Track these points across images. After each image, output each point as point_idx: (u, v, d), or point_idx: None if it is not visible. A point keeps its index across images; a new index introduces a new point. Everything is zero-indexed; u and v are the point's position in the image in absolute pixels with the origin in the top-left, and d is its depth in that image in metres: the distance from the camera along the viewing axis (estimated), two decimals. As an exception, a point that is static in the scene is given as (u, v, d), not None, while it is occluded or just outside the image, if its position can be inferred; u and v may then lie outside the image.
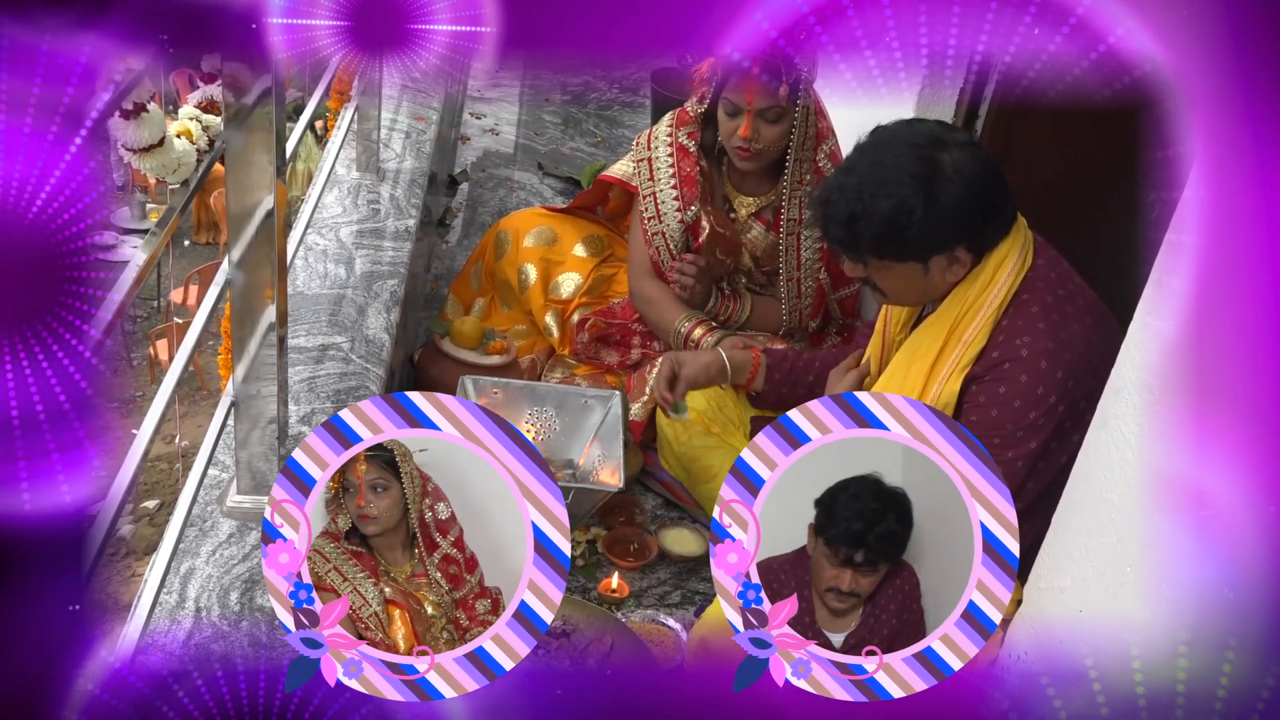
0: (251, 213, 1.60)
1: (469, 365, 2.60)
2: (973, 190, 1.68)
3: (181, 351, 1.57)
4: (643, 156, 2.64)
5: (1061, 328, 1.72)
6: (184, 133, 2.03)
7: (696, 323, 2.55)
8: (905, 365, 1.83)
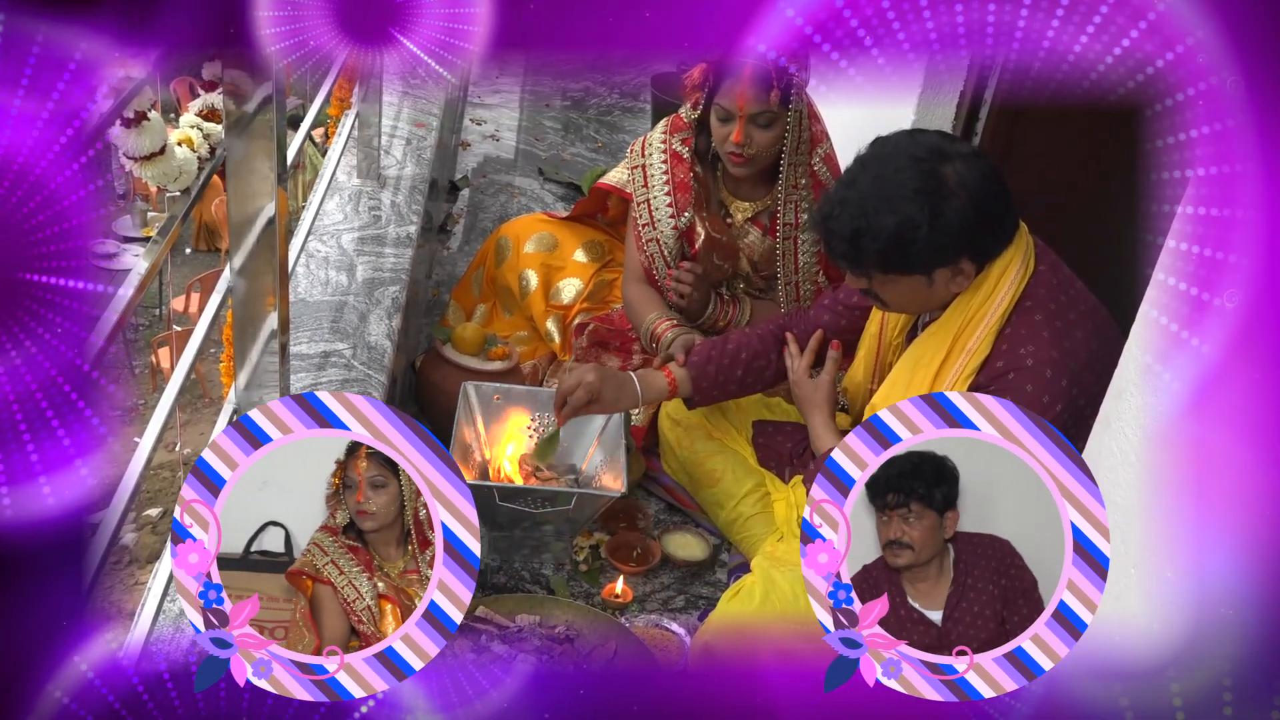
0: (253, 220, 1.60)
1: (471, 371, 2.61)
2: (977, 203, 1.68)
3: (183, 359, 1.57)
4: (637, 163, 2.64)
5: (1065, 335, 1.72)
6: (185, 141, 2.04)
7: (662, 320, 2.53)
8: (909, 374, 1.83)
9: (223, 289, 1.68)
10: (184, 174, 1.94)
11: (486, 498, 2.20)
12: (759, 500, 2.33)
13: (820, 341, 2.15)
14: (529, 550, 2.32)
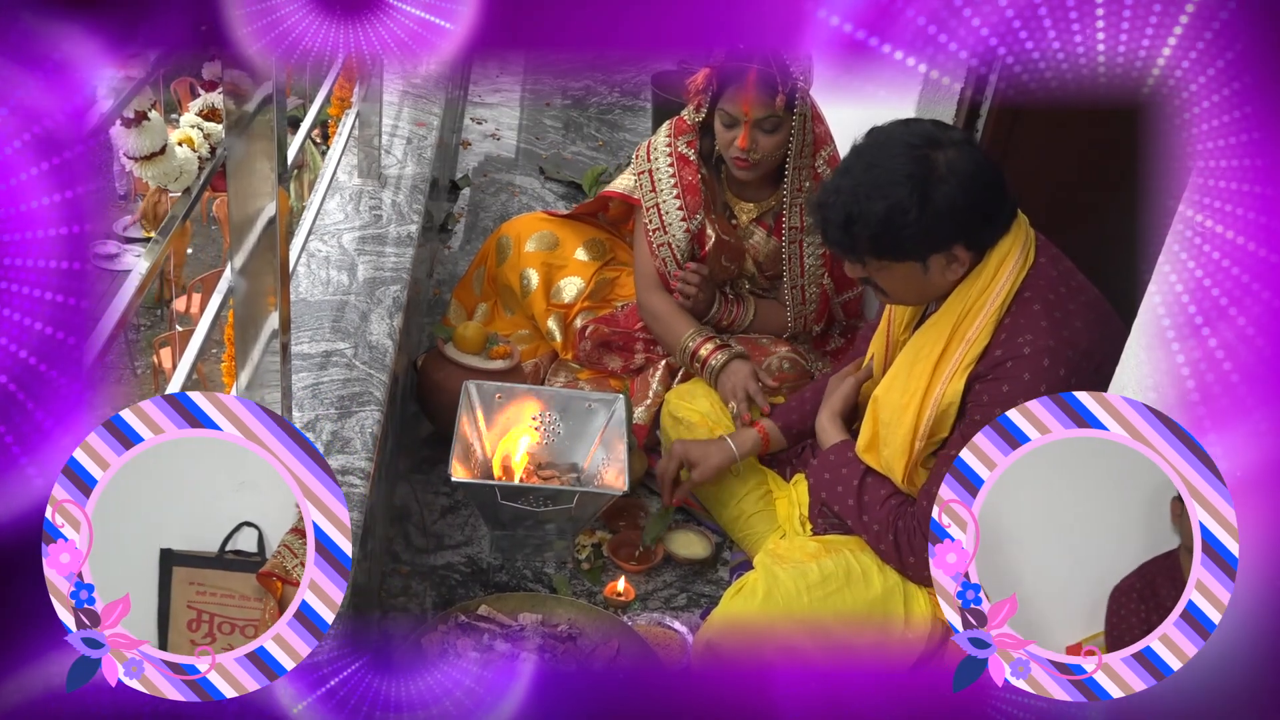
0: (253, 220, 1.60)
1: (472, 370, 2.61)
2: (968, 189, 1.69)
3: (185, 359, 1.57)
4: (643, 168, 2.64)
5: (1064, 325, 1.72)
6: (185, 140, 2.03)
7: (704, 340, 2.53)
8: (909, 365, 1.83)
9: (224, 289, 1.68)
10: (184, 174, 1.93)
11: (489, 496, 2.20)
12: (761, 498, 2.33)
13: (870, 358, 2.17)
14: (531, 549, 2.32)
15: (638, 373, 2.69)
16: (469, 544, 2.38)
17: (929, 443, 1.80)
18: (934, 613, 1.84)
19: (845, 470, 1.95)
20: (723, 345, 2.52)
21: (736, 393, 2.42)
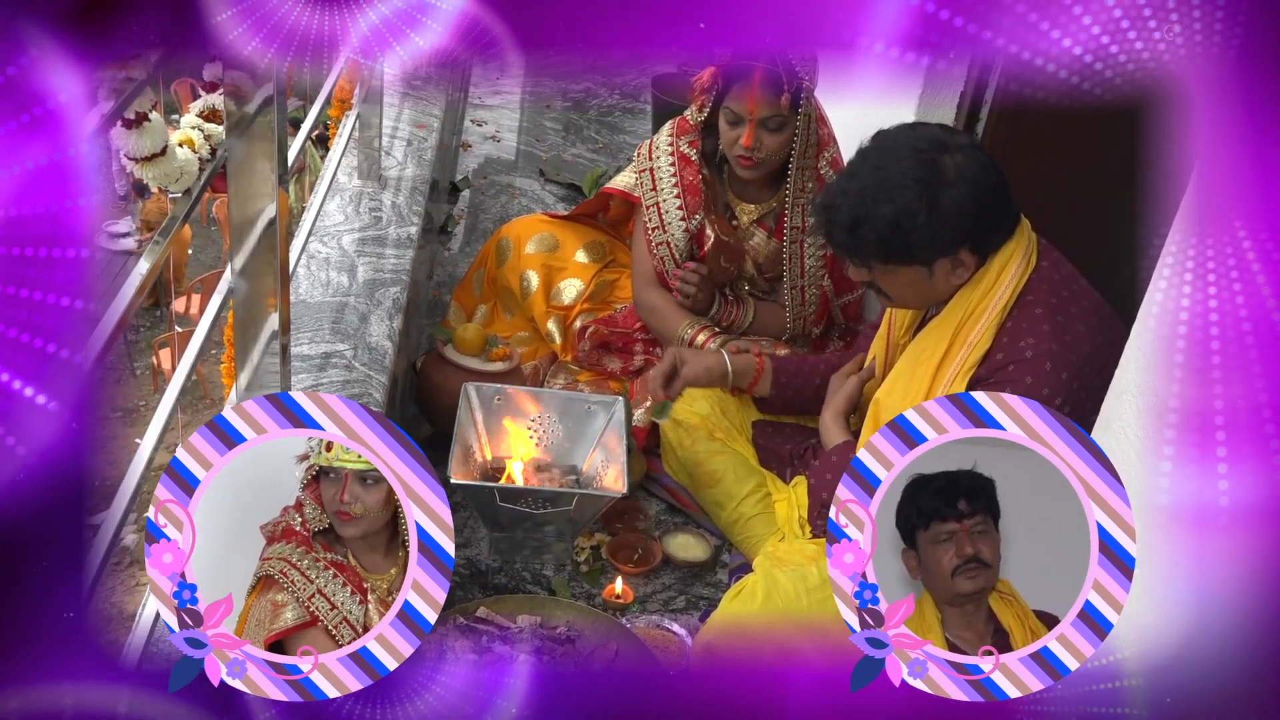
0: (254, 221, 1.60)
1: (472, 372, 2.60)
2: (975, 193, 1.69)
3: (184, 360, 1.57)
4: (644, 167, 2.64)
5: (1066, 329, 1.72)
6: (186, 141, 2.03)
7: (700, 329, 2.56)
8: (910, 368, 1.83)
9: (224, 290, 1.68)
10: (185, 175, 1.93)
11: (488, 499, 2.20)
12: (760, 501, 2.33)
13: None
14: (530, 551, 2.32)
15: (637, 374, 2.69)
16: (468, 546, 2.38)
17: (929, 445, 1.80)
18: (933, 615, 1.84)
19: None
20: (719, 333, 2.55)
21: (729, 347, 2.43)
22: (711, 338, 2.53)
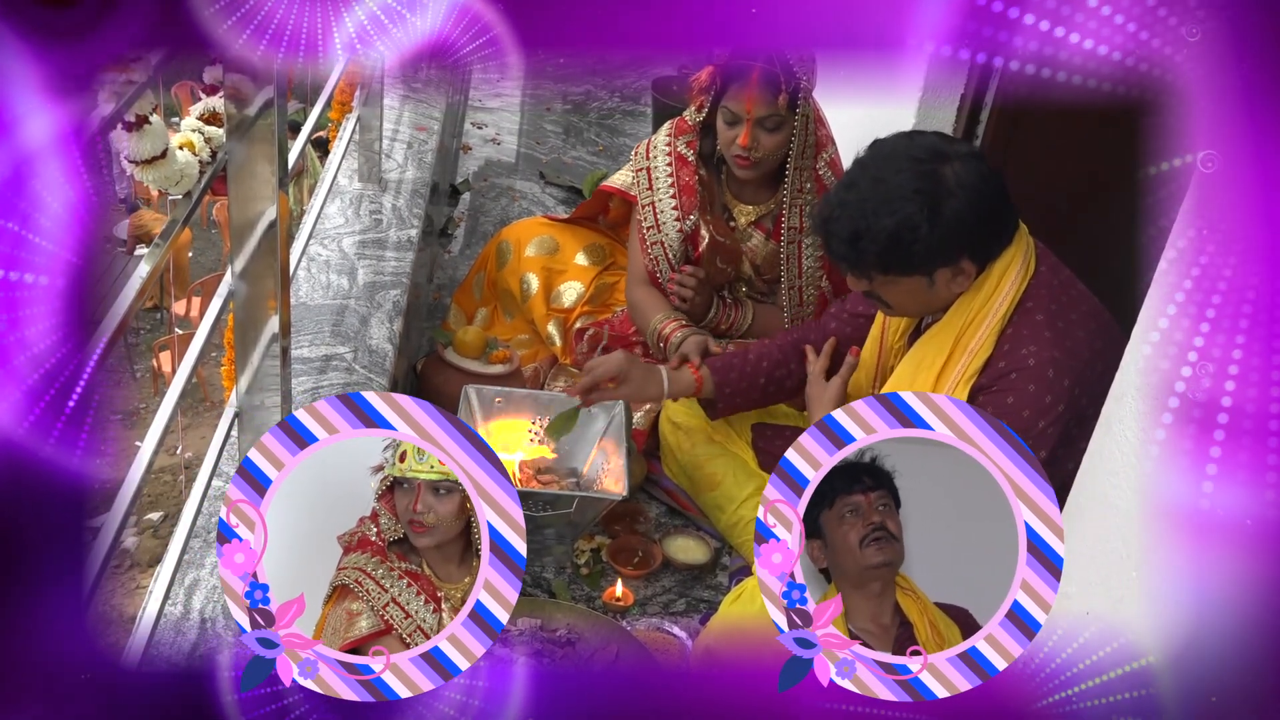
0: (254, 224, 1.60)
1: (472, 375, 2.60)
2: (976, 202, 1.68)
3: (185, 363, 1.57)
4: (642, 166, 2.64)
5: (1067, 335, 1.72)
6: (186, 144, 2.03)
7: (670, 321, 2.53)
8: (910, 375, 1.83)
9: (224, 293, 1.68)
10: (185, 178, 1.93)
11: (488, 501, 2.20)
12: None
13: (834, 347, 2.15)
14: (530, 553, 2.32)
15: (637, 377, 2.69)
16: (468, 548, 2.38)
17: (930, 451, 1.80)
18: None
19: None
20: (686, 325, 2.52)
21: (687, 345, 2.39)
22: (678, 329, 2.50)
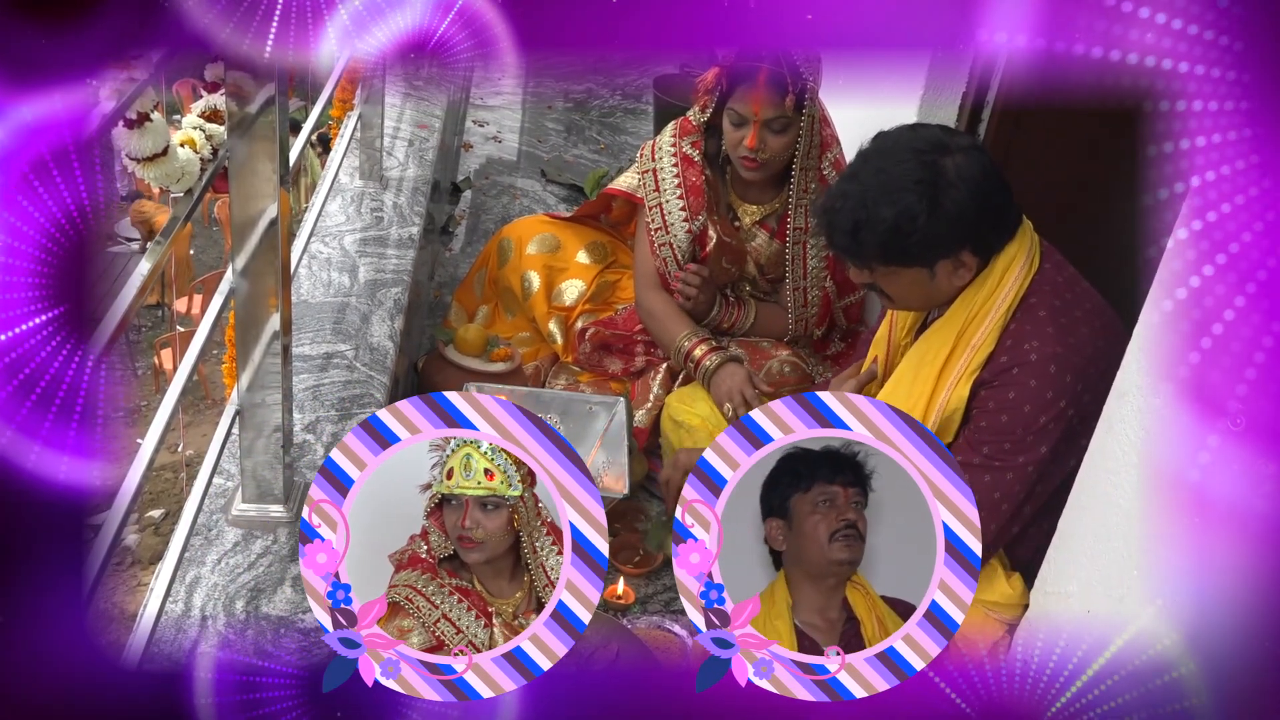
0: (255, 221, 1.60)
1: (473, 373, 2.60)
2: (976, 194, 1.68)
3: (186, 360, 1.57)
4: (647, 168, 2.64)
5: (1070, 331, 1.72)
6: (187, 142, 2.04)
7: (698, 341, 2.52)
8: (913, 370, 1.83)
9: (225, 290, 1.68)
10: (186, 175, 1.94)
11: (489, 499, 2.20)
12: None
13: None
14: (531, 552, 2.32)
15: (638, 376, 2.69)
16: (469, 546, 2.38)
17: (932, 448, 1.80)
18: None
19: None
20: (717, 347, 2.51)
21: (732, 396, 2.41)
22: (710, 352, 2.49)
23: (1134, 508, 1.36)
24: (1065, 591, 1.51)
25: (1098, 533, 1.44)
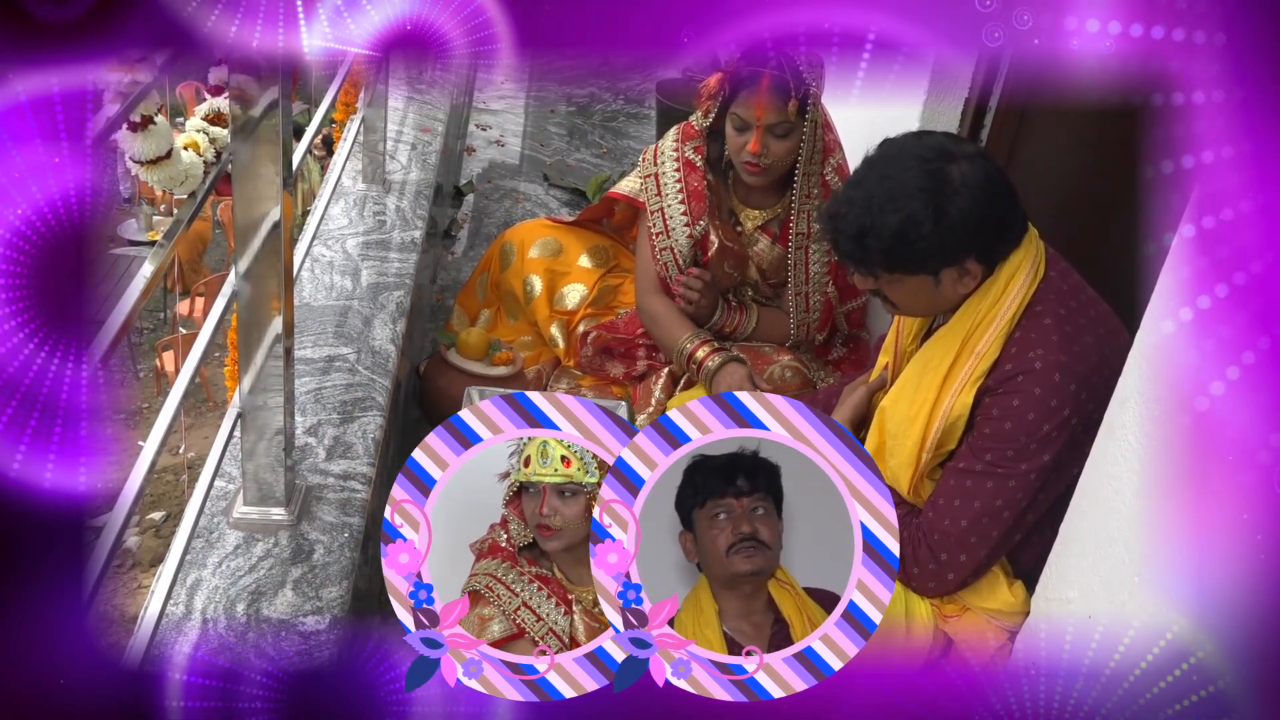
0: (258, 224, 1.61)
1: (475, 376, 2.60)
2: (981, 202, 1.68)
3: (188, 363, 1.57)
4: (649, 172, 2.64)
5: (1074, 339, 1.71)
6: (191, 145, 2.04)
7: (700, 343, 2.52)
8: (917, 377, 1.83)
9: (228, 293, 1.68)
10: (189, 178, 1.94)
11: (490, 503, 2.20)
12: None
13: None
14: (532, 555, 2.32)
15: (640, 380, 2.69)
16: (470, 550, 2.38)
17: (936, 454, 1.80)
18: (935, 622, 1.83)
19: (849, 479, 1.95)
20: (719, 349, 2.51)
21: (730, 379, 2.41)
22: (712, 353, 2.50)
23: (1134, 514, 1.36)
24: (1066, 597, 1.51)
25: (1099, 539, 1.44)
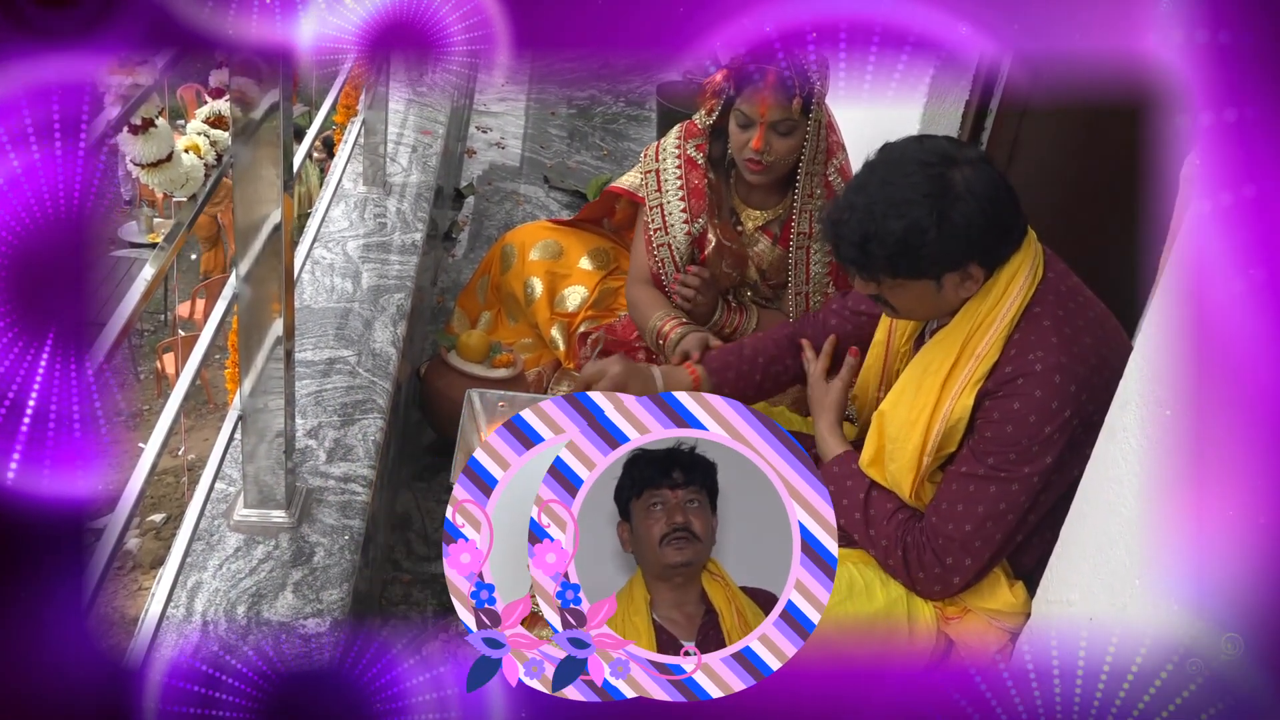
0: (259, 227, 1.61)
1: (475, 378, 2.60)
2: (985, 207, 1.68)
3: (189, 365, 1.58)
4: (650, 168, 2.64)
5: (1074, 341, 1.71)
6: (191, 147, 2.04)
7: (670, 319, 2.50)
8: (917, 380, 1.83)
9: (228, 295, 1.68)
10: (190, 180, 1.94)
11: (490, 505, 2.20)
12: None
13: (834, 345, 2.15)
14: (533, 558, 2.32)
15: (641, 382, 2.69)
16: (471, 552, 2.38)
17: (936, 457, 1.80)
18: (938, 625, 1.84)
19: (850, 483, 1.94)
20: (686, 323, 2.50)
21: (687, 342, 2.38)
22: (677, 326, 2.47)
23: (1135, 516, 1.36)
24: (1067, 599, 1.51)
25: (1100, 542, 1.43)
